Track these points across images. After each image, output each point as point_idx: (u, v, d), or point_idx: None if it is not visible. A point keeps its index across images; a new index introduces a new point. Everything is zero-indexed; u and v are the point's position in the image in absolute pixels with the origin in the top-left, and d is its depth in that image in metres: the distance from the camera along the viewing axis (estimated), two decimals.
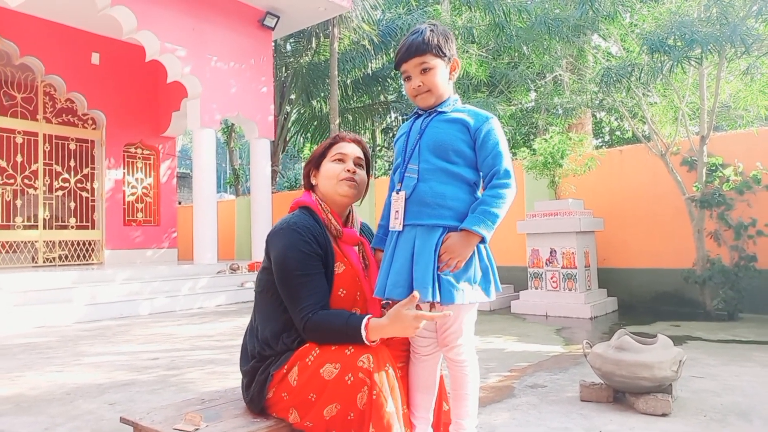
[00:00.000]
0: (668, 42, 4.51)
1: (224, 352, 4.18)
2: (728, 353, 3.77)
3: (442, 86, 1.70)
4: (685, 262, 5.74)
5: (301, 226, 1.74)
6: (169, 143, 10.44)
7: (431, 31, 1.68)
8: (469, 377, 1.72)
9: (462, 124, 1.67)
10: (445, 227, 1.61)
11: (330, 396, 1.54)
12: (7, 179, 8.32)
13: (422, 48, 1.66)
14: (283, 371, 1.67)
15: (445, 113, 1.71)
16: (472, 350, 1.74)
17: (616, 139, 14.22)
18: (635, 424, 2.38)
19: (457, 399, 1.75)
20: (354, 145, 1.90)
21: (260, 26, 8.91)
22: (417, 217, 1.64)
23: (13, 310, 5.80)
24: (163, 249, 10.12)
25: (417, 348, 1.76)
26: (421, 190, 1.64)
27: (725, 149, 5.76)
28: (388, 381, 1.52)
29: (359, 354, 1.53)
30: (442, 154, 1.65)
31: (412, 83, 1.71)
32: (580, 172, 6.07)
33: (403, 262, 1.62)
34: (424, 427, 1.77)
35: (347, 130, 14.92)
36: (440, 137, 1.66)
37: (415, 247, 1.61)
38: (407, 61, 1.69)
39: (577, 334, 4.73)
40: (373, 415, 1.46)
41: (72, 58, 8.76)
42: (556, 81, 6.73)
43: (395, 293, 1.61)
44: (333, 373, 1.55)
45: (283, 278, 1.71)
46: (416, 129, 1.73)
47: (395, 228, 1.69)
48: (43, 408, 2.87)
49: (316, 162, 1.90)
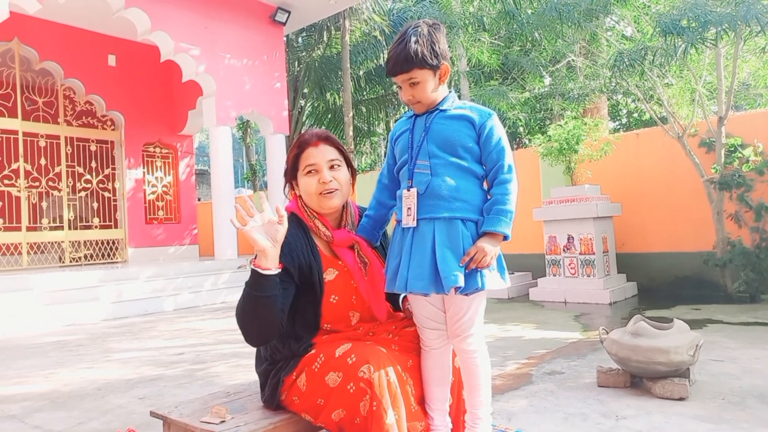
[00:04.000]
0: (682, 23, 4.44)
1: (247, 346, 4.27)
2: (749, 336, 3.75)
3: (432, 95, 1.72)
4: (705, 244, 5.68)
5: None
6: (187, 141, 10.58)
7: (416, 41, 1.65)
8: (480, 368, 1.75)
9: (467, 121, 1.70)
10: (462, 219, 1.65)
11: (336, 402, 1.58)
12: (33, 182, 8.53)
13: (407, 65, 1.66)
14: (293, 377, 1.71)
15: (447, 110, 1.73)
16: (482, 340, 1.77)
17: (634, 121, 14.01)
18: (652, 409, 2.40)
19: (470, 390, 1.78)
20: (323, 147, 1.80)
21: (271, 22, 8.95)
22: (433, 210, 1.66)
23: (44, 309, 6.00)
24: (185, 246, 10.31)
25: (426, 341, 1.78)
26: (436, 184, 1.67)
27: (744, 129, 5.66)
28: (389, 390, 1.52)
29: (360, 364, 1.54)
30: (451, 150, 1.68)
31: (404, 94, 1.75)
32: (597, 157, 6.03)
33: (423, 255, 1.64)
34: (441, 417, 1.79)
35: (361, 122, 14.94)
36: (448, 133, 1.69)
37: (436, 239, 1.64)
38: (395, 76, 1.72)
39: (595, 320, 4.74)
40: (374, 426, 1.48)
41: (89, 61, 8.92)
42: (569, 66, 6.66)
43: (417, 286, 1.63)
44: (336, 381, 1.58)
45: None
46: (420, 126, 1.75)
47: (408, 224, 1.70)
48: (77, 403, 2.99)
49: (291, 174, 1.84)
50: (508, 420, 2.34)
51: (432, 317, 1.77)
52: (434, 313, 1.76)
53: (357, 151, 15.74)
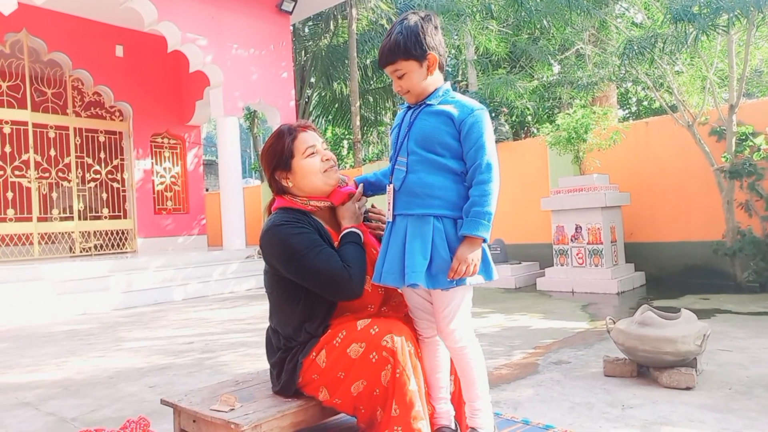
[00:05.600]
0: (693, 10, 4.37)
1: (256, 335, 4.32)
2: (758, 325, 3.73)
3: (420, 85, 1.72)
4: (715, 234, 5.64)
5: (285, 219, 1.80)
6: (195, 132, 10.61)
7: (400, 32, 1.67)
8: (471, 362, 1.75)
9: (447, 117, 1.69)
10: (435, 216, 1.67)
11: (357, 373, 1.62)
12: (43, 173, 8.61)
13: (391, 57, 1.69)
14: (312, 356, 1.74)
15: (432, 106, 1.73)
16: (469, 334, 1.76)
17: (644, 109, 13.86)
18: (659, 398, 2.40)
19: (465, 384, 1.79)
20: (310, 132, 1.91)
21: (278, 11, 8.92)
22: (407, 207, 1.70)
23: (56, 299, 6.08)
24: (193, 236, 10.38)
25: (419, 330, 1.83)
26: (411, 181, 1.70)
27: (756, 117, 5.59)
28: (411, 360, 1.58)
29: (383, 333, 1.61)
30: (429, 147, 1.69)
31: (394, 86, 1.78)
32: (605, 147, 5.98)
33: (396, 251, 1.69)
34: (441, 405, 1.83)
35: (368, 111, 14.90)
36: (427, 130, 1.70)
37: (407, 235, 1.68)
38: (383, 67, 1.75)
39: (603, 309, 4.73)
40: (396, 393, 1.52)
41: (97, 51, 8.95)
42: (578, 54, 6.59)
43: (389, 279, 1.69)
44: (359, 351, 1.63)
45: (298, 262, 1.74)
46: (406, 121, 1.78)
47: (388, 219, 1.78)
48: (89, 391, 3.04)
49: (285, 163, 1.86)
50: (515, 409, 2.36)
51: (420, 307, 1.81)
52: (422, 303, 1.80)
53: (364, 140, 15.71)
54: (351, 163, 16.54)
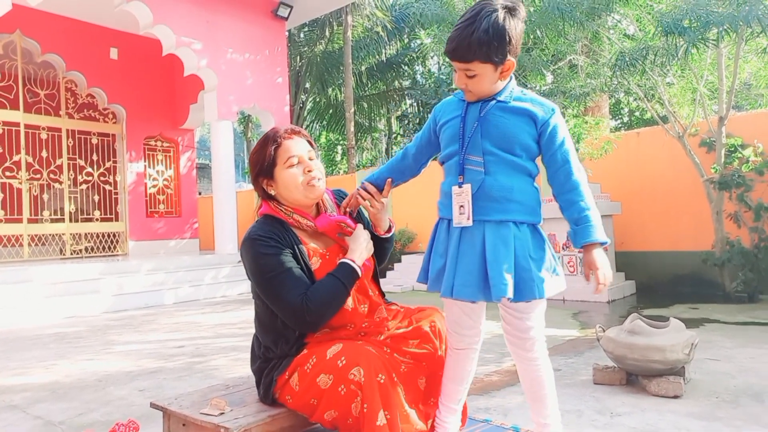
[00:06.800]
0: (683, 23, 4.44)
1: (247, 340, 4.29)
2: (746, 335, 3.78)
3: (488, 88, 1.55)
4: (704, 244, 5.70)
5: (261, 234, 1.74)
6: (188, 135, 10.59)
7: (485, 30, 1.43)
8: (544, 375, 1.69)
9: (528, 116, 1.55)
10: (514, 222, 1.55)
11: (327, 403, 1.59)
12: (34, 174, 8.55)
13: (468, 55, 1.48)
14: (285, 377, 1.72)
15: (506, 102, 1.57)
16: (545, 346, 1.69)
17: (636, 119, 14.00)
18: (647, 406, 2.42)
19: (536, 400, 1.72)
20: (298, 139, 1.82)
21: (274, 16, 8.94)
22: (484, 212, 1.55)
23: (44, 301, 6.03)
24: (185, 239, 10.33)
25: (451, 342, 1.76)
26: (488, 184, 1.54)
27: (744, 129, 5.67)
28: (380, 392, 1.52)
29: (351, 366, 1.55)
30: (508, 147, 1.55)
31: (458, 80, 1.57)
32: (597, 156, 6.04)
33: (472, 260, 1.54)
34: (448, 415, 1.78)
35: (363, 117, 14.95)
36: (506, 129, 1.55)
37: (486, 244, 1.53)
38: (452, 60, 1.53)
39: (594, 317, 4.76)
40: (365, 428, 1.49)
41: (91, 54, 8.92)
42: (571, 65, 6.66)
43: (465, 293, 1.55)
44: (327, 383, 1.59)
45: (262, 285, 1.72)
46: (473, 115, 1.59)
47: (462, 224, 1.58)
48: (77, 394, 3.01)
49: (267, 171, 1.80)
50: (504, 416, 2.37)
51: (460, 323, 1.73)
52: (463, 319, 1.72)
53: (358, 146, 15.75)
54: (345, 169, 16.56)
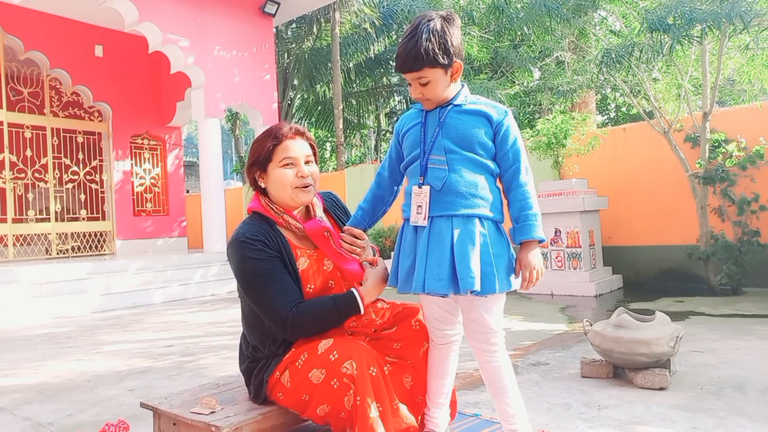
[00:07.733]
0: (668, 20, 4.49)
1: (236, 338, 4.27)
2: (729, 327, 3.84)
3: (443, 92, 1.65)
4: (689, 238, 5.78)
5: (249, 236, 1.73)
6: (175, 133, 10.52)
7: (427, 39, 1.55)
8: (502, 367, 1.72)
9: (484, 117, 1.65)
10: (479, 217, 1.60)
11: (320, 398, 1.60)
12: (18, 173, 8.45)
13: (417, 64, 1.58)
14: (276, 376, 1.72)
15: (462, 105, 1.67)
16: (503, 340, 1.73)
17: (622, 115, 14.13)
18: (633, 399, 2.46)
19: (498, 394, 1.75)
20: (299, 141, 1.82)
21: (261, 13, 8.90)
22: (450, 207, 1.60)
23: (31, 302, 5.97)
24: (174, 238, 10.27)
25: (432, 337, 1.80)
26: (453, 180, 1.61)
27: (728, 125, 5.75)
28: (372, 384, 1.55)
29: (343, 360, 1.57)
30: (468, 146, 1.63)
31: (413, 92, 1.67)
32: (584, 152, 6.09)
33: (442, 255, 1.57)
34: (436, 410, 1.82)
35: (351, 114, 14.92)
36: (465, 129, 1.63)
37: (455, 238, 1.57)
38: (404, 73, 1.63)
39: (581, 312, 4.81)
40: (358, 420, 1.51)
41: (76, 51, 8.82)
42: (558, 61, 6.71)
43: (436, 287, 1.57)
44: (320, 378, 1.60)
45: (248, 289, 1.73)
46: (433, 120, 1.68)
47: (418, 223, 1.64)
48: (66, 395, 3.00)
49: (261, 164, 1.81)
50: (494, 410, 2.39)
51: (439, 318, 1.77)
52: (441, 315, 1.76)
53: (346, 143, 15.73)
54: (334, 166, 16.53)
